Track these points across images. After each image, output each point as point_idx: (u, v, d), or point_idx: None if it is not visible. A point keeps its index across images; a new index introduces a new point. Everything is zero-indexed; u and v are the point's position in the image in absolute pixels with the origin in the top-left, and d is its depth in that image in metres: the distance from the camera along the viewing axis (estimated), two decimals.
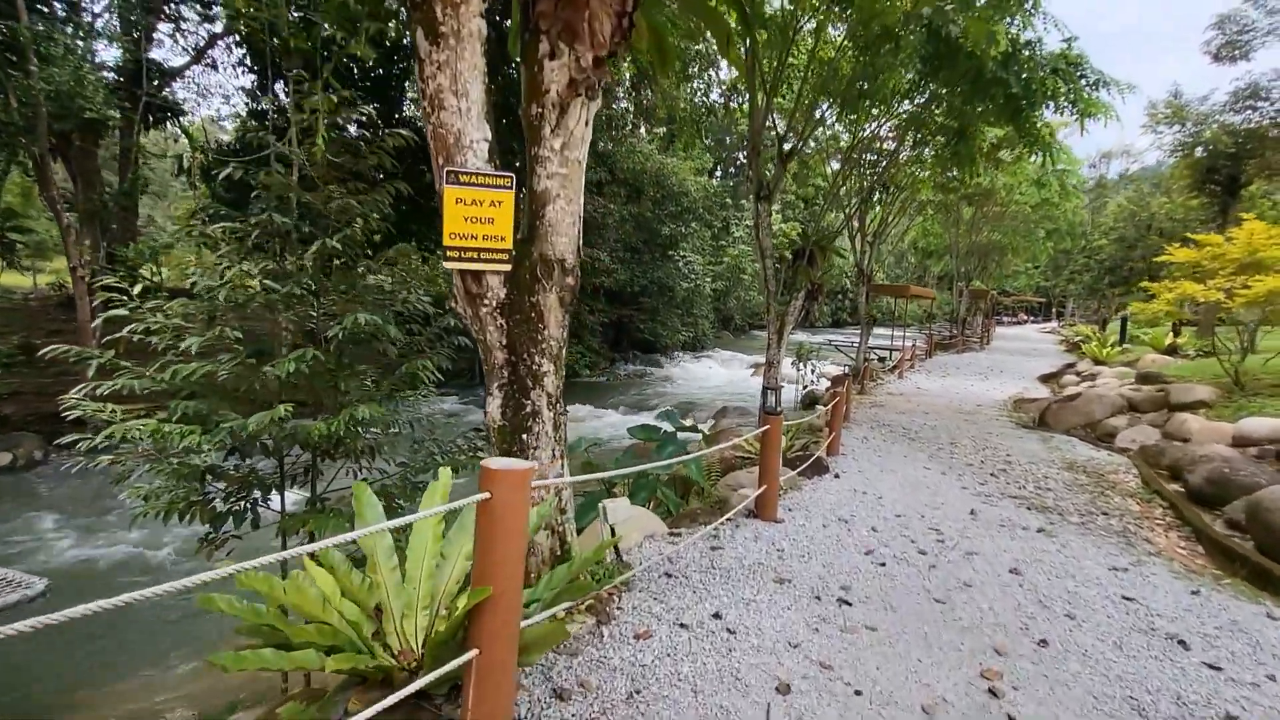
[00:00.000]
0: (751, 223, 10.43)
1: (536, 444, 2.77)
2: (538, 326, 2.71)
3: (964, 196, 20.28)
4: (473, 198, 2.53)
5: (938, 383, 15.63)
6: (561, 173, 2.67)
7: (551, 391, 2.81)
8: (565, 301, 2.79)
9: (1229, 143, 14.66)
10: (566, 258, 2.75)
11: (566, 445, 3.06)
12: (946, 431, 9.43)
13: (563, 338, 2.89)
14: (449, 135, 2.45)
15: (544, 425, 2.78)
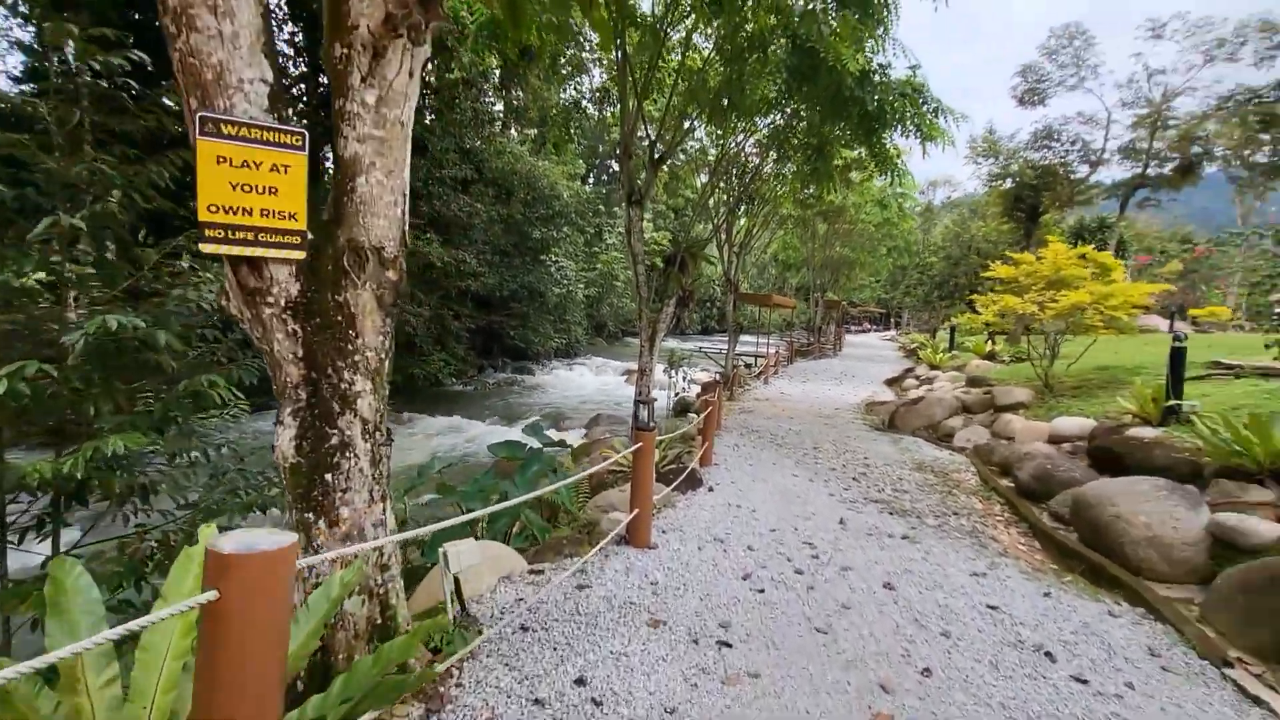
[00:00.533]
0: (624, 229, 10.14)
1: (346, 485, 2.13)
2: (347, 334, 2.08)
3: (819, 213, 21.70)
4: (244, 157, 1.85)
5: (799, 388, 16.40)
6: (377, 135, 2.06)
7: (368, 416, 2.19)
8: (385, 302, 2.18)
9: (1031, 176, 17.02)
10: (385, 245, 2.14)
11: (388, 482, 2.42)
12: (810, 436, 9.74)
13: (384, 347, 2.26)
14: (204, 69, 1.76)
15: (357, 461, 2.15)
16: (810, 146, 10.91)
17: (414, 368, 16.92)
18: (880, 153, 9.48)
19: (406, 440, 15.69)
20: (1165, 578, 4.28)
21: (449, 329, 17.96)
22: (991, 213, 22.78)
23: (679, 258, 10.06)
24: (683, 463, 7.10)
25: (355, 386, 2.11)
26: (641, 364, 10.17)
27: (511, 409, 19.76)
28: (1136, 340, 15.63)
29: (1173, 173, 16.43)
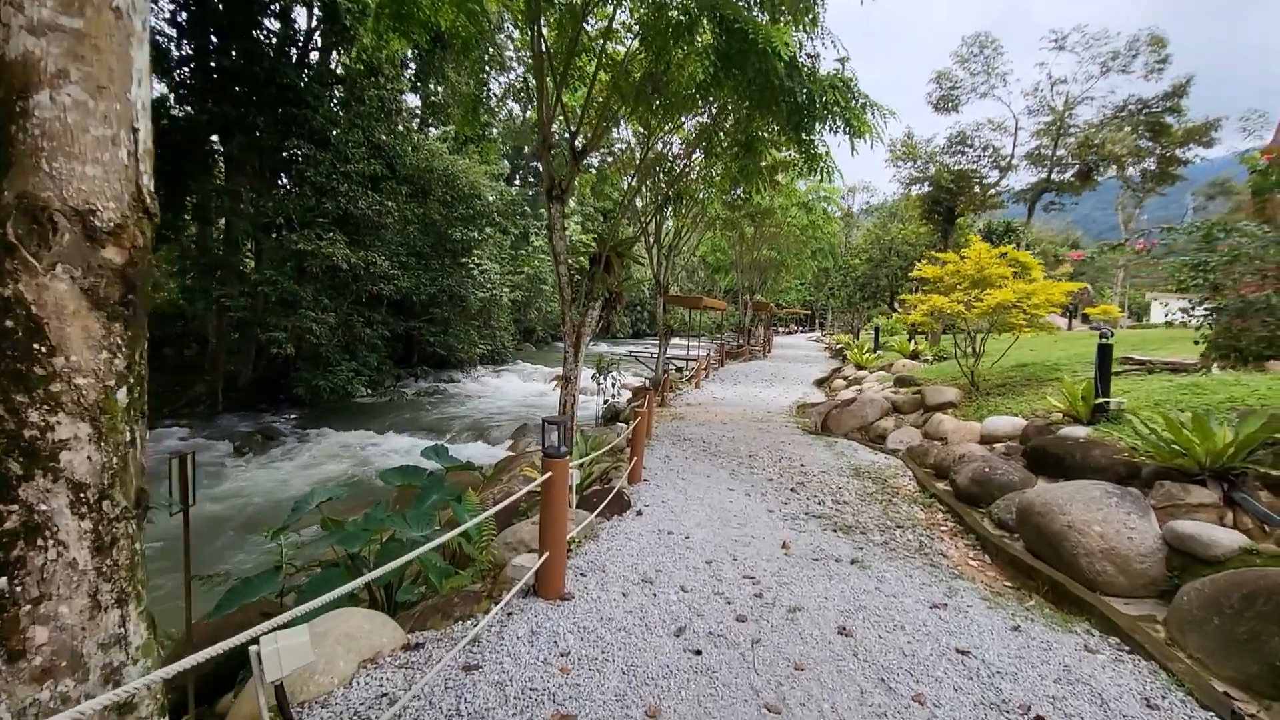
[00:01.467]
0: (547, 227, 9.39)
1: (41, 590, 1.33)
2: (29, 349, 1.29)
3: (747, 215, 21.67)
4: None
5: (731, 391, 16.12)
6: (66, 26, 1.28)
7: (86, 478, 1.39)
8: (106, 297, 1.38)
9: (948, 179, 17.55)
10: (98, 207, 1.35)
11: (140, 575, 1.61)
12: (745, 443, 9.31)
13: (114, 370, 1.46)
14: None
15: (61, 551, 1.35)
16: (738, 144, 10.55)
17: (318, 379, 15.44)
18: (809, 149, 9.20)
19: (308, 460, 14.27)
20: (1123, 592, 3.99)
21: (359, 336, 16.53)
22: (911, 215, 23.54)
23: (604, 258, 9.43)
24: (610, 481, 6.44)
25: (54, 433, 1.32)
26: (566, 370, 9.46)
27: (432, 421, 18.52)
28: (1048, 338, 16.33)
29: (1074, 178, 17.41)
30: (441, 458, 5.44)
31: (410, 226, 18.57)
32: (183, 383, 18.64)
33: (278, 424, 17.24)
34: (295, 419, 17.60)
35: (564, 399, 9.43)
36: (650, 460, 7.58)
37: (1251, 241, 4.45)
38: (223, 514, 9.98)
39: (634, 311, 60.11)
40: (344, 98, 17.63)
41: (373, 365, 17.29)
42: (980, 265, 9.89)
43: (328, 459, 14.46)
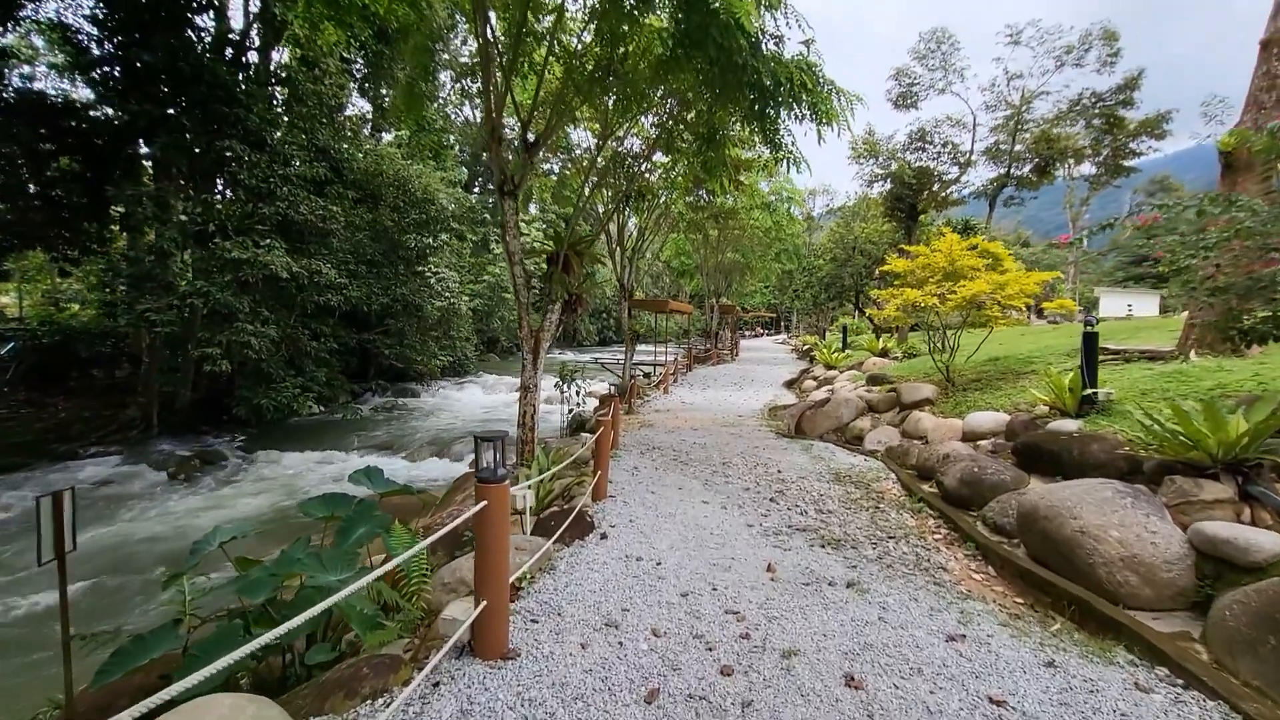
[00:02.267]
0: (500, 224, 8.75)
1: None
2: None
3: (711, 215, 21.33)
4: None
5: (700, 395, 15.63)
6: None
7: None
8: None
9: (909, 175, 17.48)
10: None
11: None
12: (717, 450, 8.78)
13: None
14: None
15: None
16: (700, 137, 10.09)
17: (260, 398, 14.36)
18: (773, 138, 8.79)
19: (251, 485, 13.23)
20: (1149, 605, 3.55)
21: (305, 350, 15.46)
22: (873, 214, 23.59)
23: (562, 257, 8.82)
24: (571, 499, 5.81)
25: None
26: (525, 379, 8.81)
27: (389, 437, 17.55)
28: (1013, 332, 16.32)
29: (1031, 173, 17.56)
30: (375, 482, 4.73)
31: (359, 233, 17.61)
32: (113, 406, 17.27)
33: (220, 447, 16.08)
34: (240, 441, 16.44)
35: (524, 409, 8.78)
36: (617, 473, 6.97)
37: (1250, 216, 4.10)
38: (140, 553, 8.98)
39: (600, 319, 59.49)
40: (285, 98, 16.64)
41: (322, 381, 16.23)
42: (952, 257, 9.60)
43: (273, 483, 13.44)
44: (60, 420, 16.22)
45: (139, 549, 9.19)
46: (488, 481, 2.62)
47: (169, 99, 12.93)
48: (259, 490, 12.51)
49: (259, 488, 12.77)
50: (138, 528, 10.34)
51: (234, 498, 12.04)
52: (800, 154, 9.01)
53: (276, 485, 12.90)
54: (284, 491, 12.32)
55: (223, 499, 11.98)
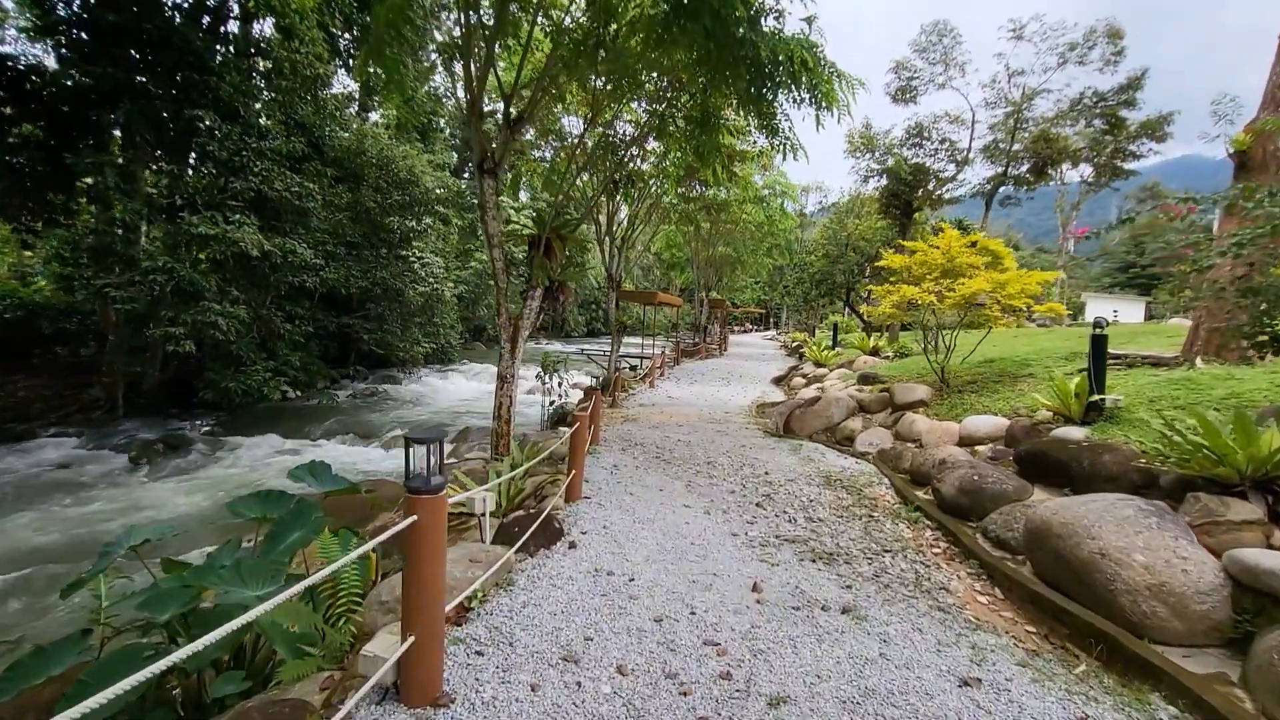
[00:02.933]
0: (478, 203, 8.23)
1: None
2: None
3: (703, 207, 20.86)
4: None
5: (687, 390, 15.21)
6: None
7: None
8: None
9: (906, 172, 17.10)
10: None
11: None
12: (702, 447, 8.37)
13: None
14: None
15: None
16: (693, 121, 9.62)
17: (228, 381, 13.74)
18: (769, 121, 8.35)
19: (215, 472, 12.64)
20: (1178, 639, 3.16)
21: (278, 332, 14.80)
22: (867, 210, 23.23)
23: (544, 241, 8.32)
24: (543, 500, 5.36)
25: None
26: (502, 369, 8.32)
27: (365, 425, 16.98)
28: (1008, 333, 16.04)
29: (1028, 173, 17.26)
30: (320, 479, 4.25)
31: (339, 214, 16.94)
32: (76, 385, 16.56)
33: (187, 431, 15.45)
34: (209, 425, 15.80)
35: (499, 400, 8.31)
36: (595, 471, 6.53)
37: None
38: (82, 544, 8.39)
39: (589, 310, 58.95)
40: (265, 71, 15.89)
41: (296, 365, 15.60)
42: (951, 254, 9.22)
43: (239, 470, 12.86)
44: (19, 399, 15.48)
45: (82, 539, 8.61)
46: (418, 492, 2.16)
47: (137, 65, 12.19)
48: (217, 480, 11.94)
49: (218, 476, 12.21)
50: (85, 515, 9.76)
51: (191, 487, 11.46)
52: (798, 140, 8.58)
53: (236, 475, 12.32)
54: (242, 482, 11.75)
55: (179, 488, 11.40)
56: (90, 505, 10.23)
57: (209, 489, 11.37)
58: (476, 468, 7.49)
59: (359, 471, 13.26)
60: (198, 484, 11.74)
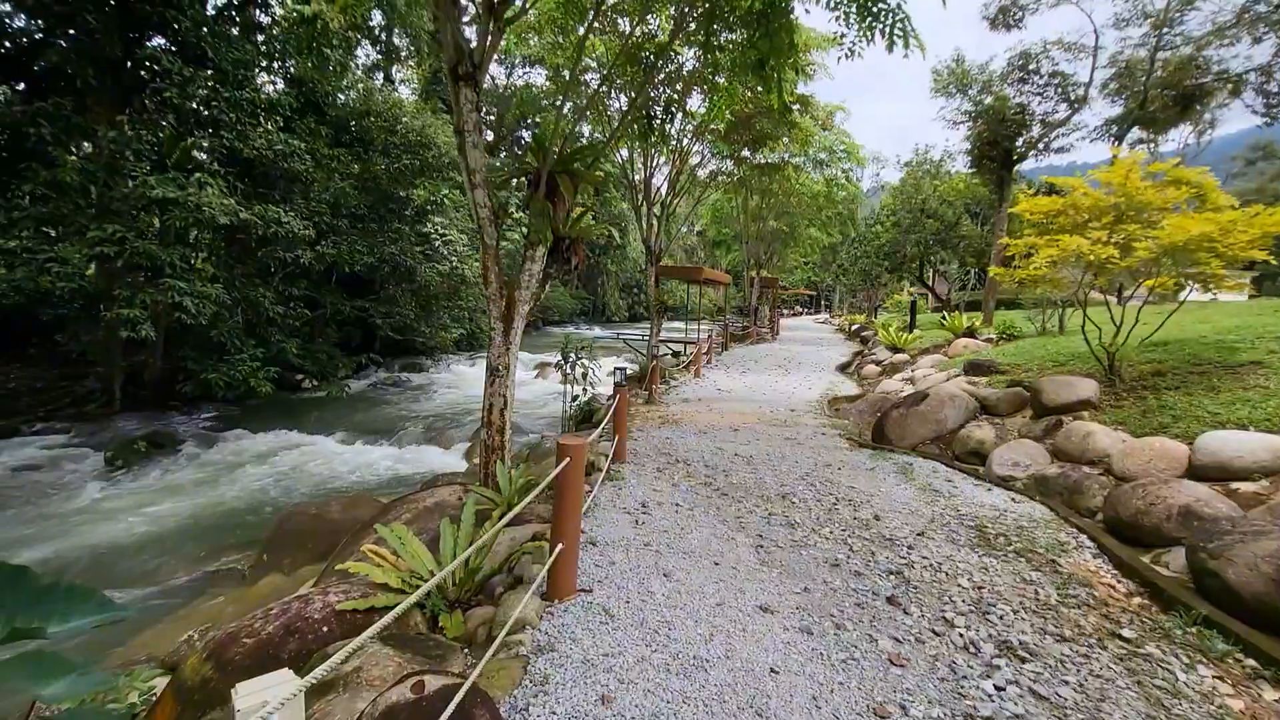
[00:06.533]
0: (455, 127, 5.83)
1: None
2: None
3: (756, 168, 18.10)
4: None
5: (739, 380, 12.68)
6: None
7: None
8: None
9: (1010, 110, 13.95)
10: None
11: None
12: (770, 466, 5.90)
13: None
14: None
15: None
16: (753, 15, 7.05)
17: (209, 372, 11.97)
18: None
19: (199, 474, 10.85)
20: None
21: (269, 316, 12.95)
22: (944, 170, 19.97)
23: (547, 178, 5.89)
24: (516, 581, 3.02)
25: None
26: (492, 358, 5.97)
27: (382, 419, 15.14)
28: (1155, 308, 12.78)
29: (1171, 107, 13.77)
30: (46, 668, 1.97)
31: (342, 181, 14.95)
32: (71, 376, 15.25)
33: (180, 427, 13.87)
34: (209, 420, 14.23)
35: (489, 400, 5.99)
36: (610, 518, 4.17)
37: None
38: None
39: (631, 293, 56.39)
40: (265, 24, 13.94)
41: (293, 353, 13.81)
42: (1128, 191, 6.37)
43: (226, 473, 11.04)
44: (8, 391, 14.20)
45: None
46: None
47: None
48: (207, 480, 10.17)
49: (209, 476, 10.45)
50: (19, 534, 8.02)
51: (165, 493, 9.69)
52: (908, 23, 5.97)
53: (230, 475, 10.54)
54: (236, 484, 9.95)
55: (150, 496, 9.63)
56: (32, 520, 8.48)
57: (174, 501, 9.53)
58: (447, 499, 5.21)
59: (351, 475, 11.39)
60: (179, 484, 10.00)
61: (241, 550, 7.64)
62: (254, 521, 8.61)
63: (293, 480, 10.88)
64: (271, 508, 9.28)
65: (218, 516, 8.85)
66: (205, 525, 8.42)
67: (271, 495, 9.92)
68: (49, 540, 7.92)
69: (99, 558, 7.38)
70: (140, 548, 7.77)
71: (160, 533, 8.18)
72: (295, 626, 2.85)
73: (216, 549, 7.67)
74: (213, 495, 9.89)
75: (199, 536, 7.96)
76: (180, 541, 7.93)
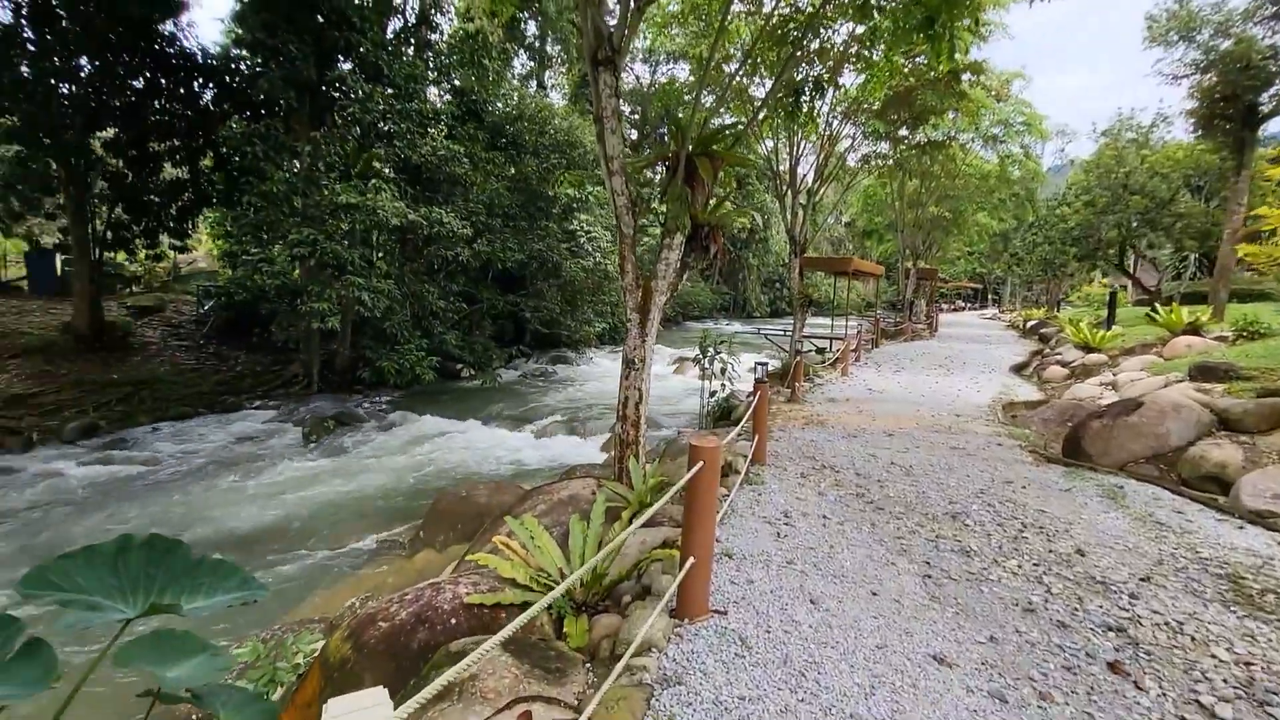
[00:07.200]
0: (594, 113, 5.72)
1: None
2: None
3: (916, 148, 16.42)
4: None
5: (893, 380, 11.55)
6: None
7: None
8: None
9: (1255, 57, 11.13)
10: None
11: None
12: (934, 479, 5.13)
13: None
14: None
15: None
16: None
17: (382, 360, 13.29)
18: None
19: (373, 451, 12.08)
20: None
21: (432, 310, 14.11)
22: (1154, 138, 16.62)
23: (685, 160, 5.59)
24: (644, 590, 2.77)
25: None
26: (628, 350, 5.82)
27: (526, 408, 15.96)
28: None
29: None
30: None
31: (496, 182, 15.88)
32: (281, 362, 17.79)
33: (361, 408, 15.62)
34: (384, 403, 15.92)
35: (624, 394, 5.85)
36: (747, 526, 3.78)
37: None
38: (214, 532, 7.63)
39: (773, 288, 54.56)
40: (435, 43, 15.17)
41: (453, 344, 14.96)
42: None
43: (395, 452, 12.20)
44: (235, 374, 16.87)
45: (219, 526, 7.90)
46: None
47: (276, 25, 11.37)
48: (377, 457, 11.33)
49: (381, 453, 11.65)
50: (238, 494, 9.36)
51: (342, 468, 10.88)
52: None
53: (394, 456, 11.64)
54: (397, 463, 10.95)
55: (333, 467, 10.88)
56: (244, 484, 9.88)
57: (351, 475, 10.62)
58: (580, 493, 5.13)
59: (498, 460, 12.02)
60: (344, 467, 11.20)
61: (404, 524, 8.22)
62: (414, 498, 9.30)
63: (448, 461, 11.65)
64: (429, 486, 10.00)
65: (385, 491, 9.67)
66: (374, 498, 9.22)
67: (430, 474, 10.70)
68: (257, 500, 9.13)
69: (291, 519, 8.34)
70: (323, 513, 8.69)
71: (339, 501, 9.11)
72: (425, 616, 2.84)
73: (383, 521, 8.35)
74: (382, 471, 10.88)
75: (369, 508, 8.73)
76: (354, 511, 8.77)
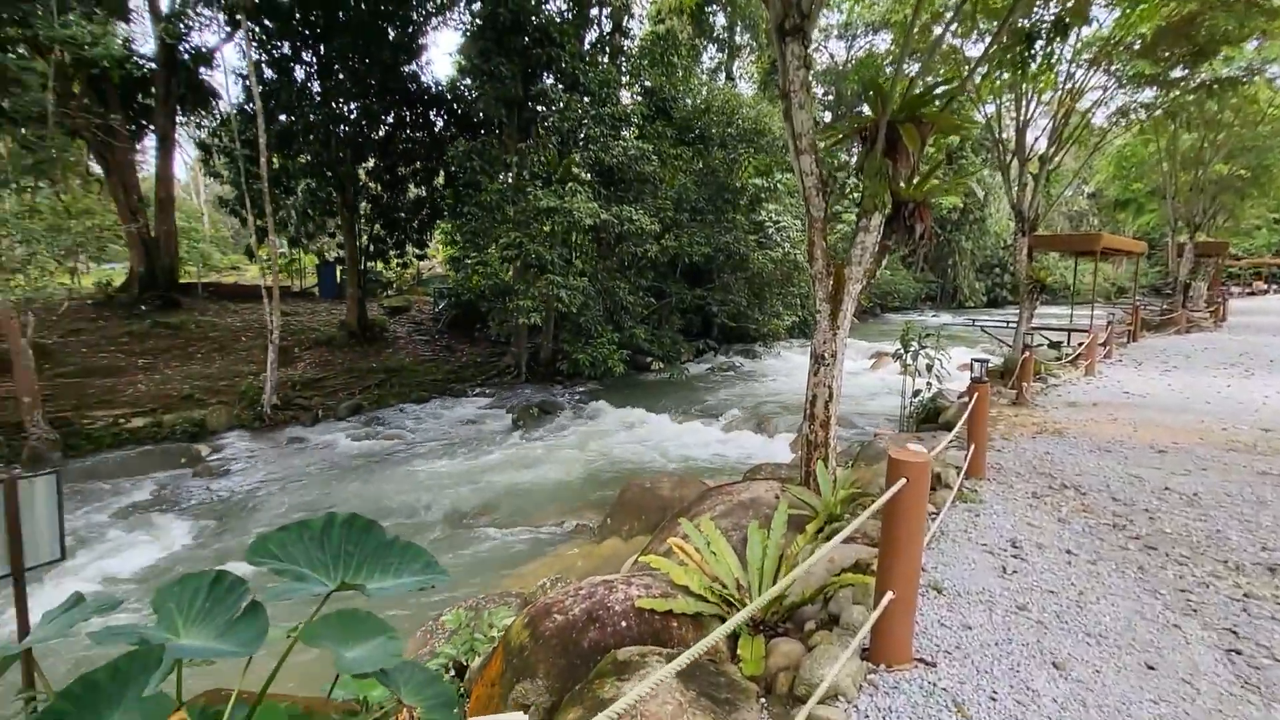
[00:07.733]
0: (780, 89, 5.35)
1: None
2: None
3: (1198, 90, 13.03)
4: None
5: (1158, 381, 9.27)
6: None
7: None
8: None
9: None
10: None
11: None
12: (1234, 514, 3.88)
13: None
14: None
15: None
16: None
17: (578, 353, 14.18)
18: None
19: (571, 438, 12.98)
20: None
21: (623, 304, 14.73)
22: None
23: (886, 129, 4.94)
24: (831, 618, 2.42)
25: None
26: (817, 344, 5.36)
27: (715, 402, 15.98)
28: None
29: None
30: None
31: (684, 177, 16.00)
32: (497, 354, 20.05)
33: (561, 398, 16.88)
34: (580, 394, 17.06)
35: (812, 392, 5.42)
36: (964, 554, 3.15)
37: None
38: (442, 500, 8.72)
39: (989, 274, 47.85)
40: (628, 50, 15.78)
41: (642, 337, 15.47)
42: None
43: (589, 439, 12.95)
44: (461, 364, 19.36)
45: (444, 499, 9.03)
46: None
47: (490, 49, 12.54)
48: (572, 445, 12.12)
49: (570, 442, 12.45)
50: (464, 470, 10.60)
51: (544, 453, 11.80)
52: None
53: (582, 446, 12.34)
54: (582, 455, 11.57)
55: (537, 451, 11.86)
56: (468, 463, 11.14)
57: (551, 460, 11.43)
58: (762, 496, 4.82)
59: (683, 453, 12.14)
60: (553, 447, 12.11)
61: (594, 510, 8.58)
62: (604, 485, 9.69)
63: (636, 451, 11.99)
64: (618, 474, 10.38)
65: (578, 477, 10.23)
66: (569, 483, 9.80)
67: (619, 462, 11.12)
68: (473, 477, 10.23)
69: (499, 497, 9.19)
70: (523, 493, 9.44)
71: (538, 483, 9.85)
72: (597, 614, 2.80)
73: (576, 505, 8.82)
74: (577, 458, 11.55)
75: (564, 492, 9.29)
76: (551, 494, 9.40)
